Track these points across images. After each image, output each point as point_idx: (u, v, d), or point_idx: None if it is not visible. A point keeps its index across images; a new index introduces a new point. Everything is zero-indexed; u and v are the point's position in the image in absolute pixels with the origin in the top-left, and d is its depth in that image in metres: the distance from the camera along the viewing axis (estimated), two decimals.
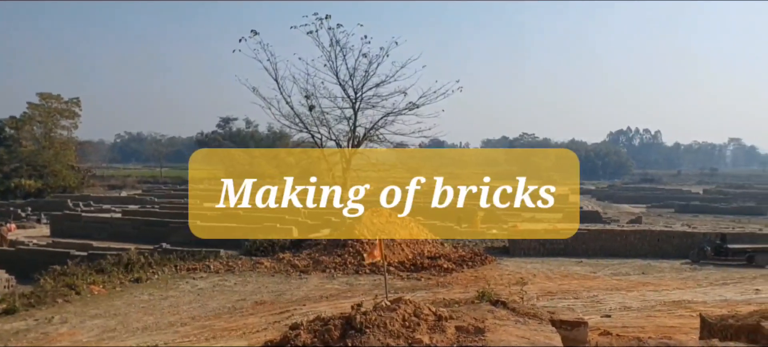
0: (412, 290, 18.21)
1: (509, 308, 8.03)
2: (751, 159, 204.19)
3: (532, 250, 25.98)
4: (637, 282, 20.22)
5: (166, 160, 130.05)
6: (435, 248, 24.30)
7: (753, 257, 23.96)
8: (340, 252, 22.25)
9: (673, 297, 17.84)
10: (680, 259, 24.73)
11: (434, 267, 21.52)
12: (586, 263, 23.97)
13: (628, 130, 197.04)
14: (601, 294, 18.21)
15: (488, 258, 23.87)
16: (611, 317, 15.14)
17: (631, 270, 22.51)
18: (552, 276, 21.21)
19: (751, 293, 18.73)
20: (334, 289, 18.42)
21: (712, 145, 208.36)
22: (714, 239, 25.51)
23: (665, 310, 16.17)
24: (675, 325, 13.99)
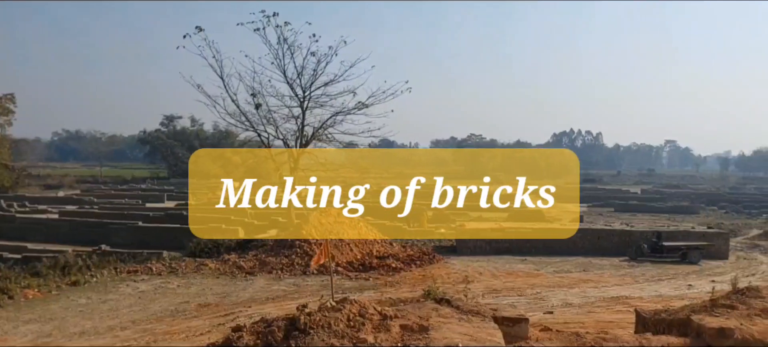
0: (361, 290, 18.19)
1: (453, 306, 8.12)
2: (686, 160, 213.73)
3: (478, 249, 26.39)
4: (578, 279, 20.87)
5: (106, 159, 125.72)
6: (384, 248, 24.36)
7: (686, 254, 25.08)
8: (287, 253, 22.02)
9: (612, 293, 18.49)
10: (619, 256, 25.65)
11: (383, 267, 21.59)
12: (531, 261, 24.55)
13: (572, 132, 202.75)
14: (544, 290, 18.69)
15: (436, 257, 24.11)
16: (553, 313, 15.58)
17: (572, 268, 23.19)
18: (497, 273, 21.62)
19: (684, 288, 19.64)
20: (281, 290, 18.21)
21: (650, 146, 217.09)
22: (650, 237, 26.54)
23: (604, 306, 16.76)
24: (613, 320, 14.51)
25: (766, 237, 34.86)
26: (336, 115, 27.48)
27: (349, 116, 27.54)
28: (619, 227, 31.35)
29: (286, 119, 27.86)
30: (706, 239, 27.09)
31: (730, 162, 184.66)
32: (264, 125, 27.74)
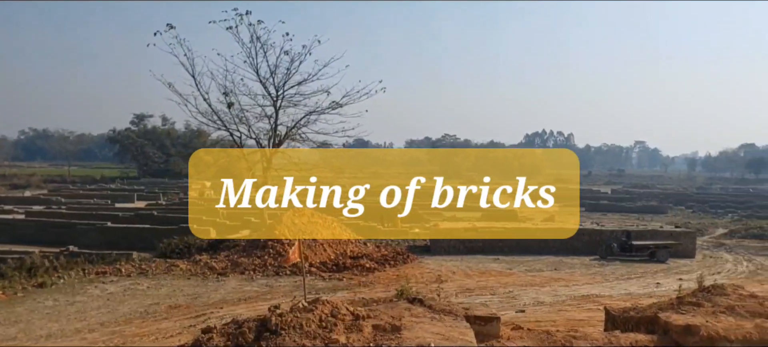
0: (334, 290, 18.12)
1: (426, 305, 8.13)
2: (655, 161, 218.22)
3: (452, 248, 26.51)
4: (549, 278, 21.10)
5: (75, 158, 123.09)
6: (358, 248, 24.31)
7: (654, 253, 25.56)
8: (259, 253, 21.82)
9: (583, 292, 18.74)
10: (589, 255, 26.02)
11: (356, 267, 21.53)
12: (503, 260, 24.75)
13: (544, 132, 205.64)
14: (516, 289, 18.86)
15: (410, 257, 24.16)
16: (525, 311, 15.73)
17: (544, 267, 23.44)
18: (470, 273, 21.74)
19: (653, 286, 19.99)
20: (253, 291, 18.03)
21: (620, 147, 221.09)
22: (620, 236, 26.97)
23: (575, 304, 16.97)
24: (584, 318, 14.70)
25: (732, 236, 35.79)
26: (310, 114, 27.33)
27: (323, 115, 27.42)
28: (590, 226, 31.81)
29: (259, 118, 27.63)
30: (673, 238, 27.65)
31: (697, 163, 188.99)
32: (236, 125, 27.45)
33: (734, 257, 27.77)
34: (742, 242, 32.98)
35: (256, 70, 26.51)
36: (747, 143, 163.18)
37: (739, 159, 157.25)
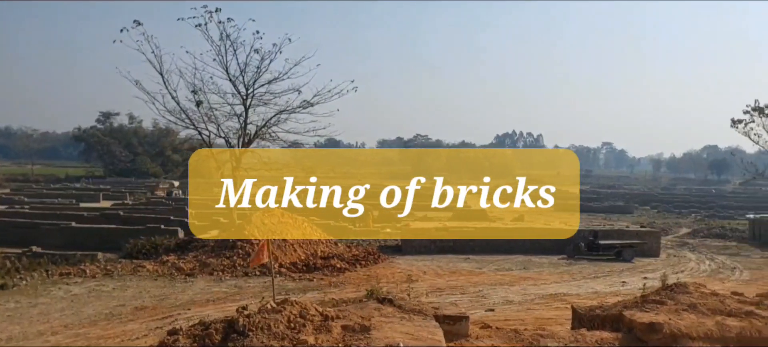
0: (304, 291, 18.03)
1: (396, 305, 8.14)
2: (621, 162, 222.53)
3: (423, 248, 26.62)
4: (518, 277, 21.34)
5: (39, 156, 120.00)
6: (328, 248, 24.22)
7: (621, 252, 26.06)
8: (228, 254, 21.58)
9: (551, 291, 19.00)
10: (558, 254, 26.38)
11: (327, 267, 21.45)
12: (473, 259, 24.94)
13: (514, 133, 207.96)
14: (486, 289, 19.02)
15: (381, 257, 24.18)
16: (494, 310, 15.87)
17: (513, 266, 23.70)
18: (441, 272, 21.86)
19: (619, 285, 20.36)
20: (222, 292, 17.83)
21: (588, 148, 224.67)
22: (587, 236, 27.40)
23: (543, 303, 17.20)
24: (552, 317, 14.89)
25: (695, 236, 36.70)
26: (280, 113, 27.15)
27: (294, 114, 27.29)
28: (558, 226, 32.20)
29: (228, 116, 27.37)
30: (639, 237, 28.22)
31: (662, 164, 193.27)
32: (205, 123, 27.13)
33: (697, 256, 28.45)
34: (704, 242, 33.83)
35: (226, 69, 26.29)
36: (710, 145, 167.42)
37: (702, 160, 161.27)
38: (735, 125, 50.65)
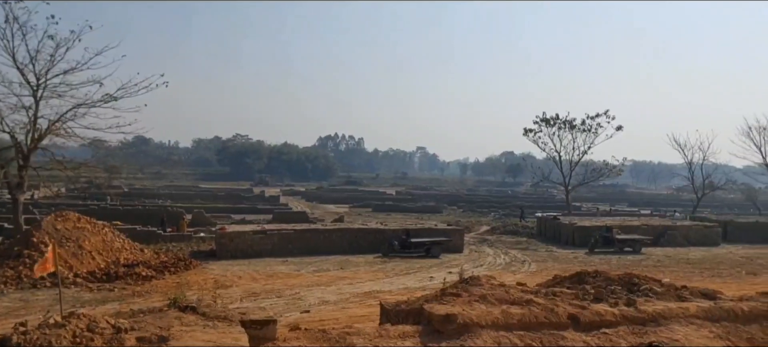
0: (103, 302, 16.46)
1: (199, 313, 7.71)
2: (433, 165, 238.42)
3: (240, 252, 25.88)
4: (335, 277, 21.67)
5: None
6: (133, 255, 22.45)
7: (430, 249, 27.76)
8: (12, 264, 18.95)
9: (366, 289, 19.57)
10: (374, 253, 27.33)
11: (131, 276, 19.83)
12: (292, 262, 24.82)
13: (336, 136, 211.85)
14: (303, 290, 19.00)
15: (193, 263, 23.01)
16: (310, 312, 15.90)
17: (331, 266, 24.03)
18: (258, 276, 21.40)
19: (427, 280, 21.62)
20: (3, 307, 15.62)
21: (404, 152, 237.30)
22: (401, 234, 28.78)
23: (358, 301, 17.64)
24: (365, 314, 15.32)
25: (493, 232, 40.38)
26: (78, 107, 24.47)
27: (94, 108, 24.75)
28: (375, 226, 33.41)
29: (15, 109, 24.04)
30: (445, 235, 30.32)
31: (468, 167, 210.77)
32: None
33: (494, 251, 31.31)
34: (501, 238, 37.35)
35: (12, 55, 23.09)
36: (507, 151, 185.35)
37: (501, 165, 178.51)
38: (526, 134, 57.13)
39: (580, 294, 9.06)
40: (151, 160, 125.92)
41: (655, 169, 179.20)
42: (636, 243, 31.92)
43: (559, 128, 55.36)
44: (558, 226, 37.37)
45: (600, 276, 10.68)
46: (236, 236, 26.78)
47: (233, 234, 26.89)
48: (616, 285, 10.01)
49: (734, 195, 79.88)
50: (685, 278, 22.09)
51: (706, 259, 29.45)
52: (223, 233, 26.80)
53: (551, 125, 55.47)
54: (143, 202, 49.06)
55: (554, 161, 57.38)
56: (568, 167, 57.01)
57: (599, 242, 31.59)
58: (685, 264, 27.48)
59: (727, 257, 30.27)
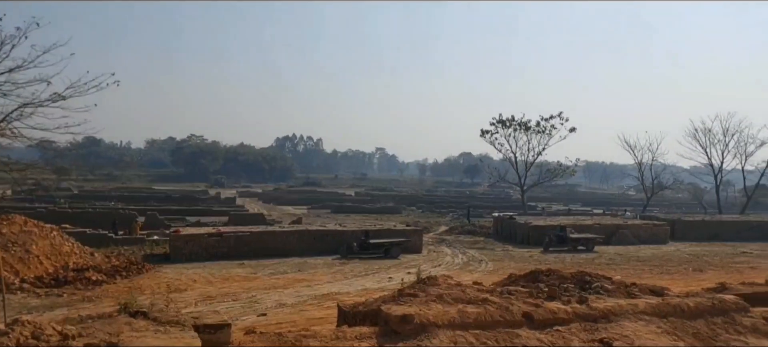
0: (51, 308, 15.91)
1: (150, 318, 7.53)
2: (392, 166, 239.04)
3: (194, 255, 25.42)
4: (293, 279, 21.48)
5: None
6: (83, 259, 21.77)
7: (389, 249, 27.83)
8: None
9: (324, 291, 19.46)
10: (332, 255, 27.21)
11: (81, 280, 19.24)
12: (248, 264, 24.49)
13: (294, 137, 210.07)
14: (259, 293, 18.75)
15: (146, 267, 22.48)
16: (267, 315, 15.71)
17: (289, 268, 23.81)
18: (213, 280, 21.03)
19: (386, 281, 21.65)
20: None
21: (363, 153, 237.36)
22: (359, 236, 28.76)
23: (316, 303, 17.52)
24: (323, 316, 15.21)
25: (451, 233, 40.79)
26: (24, 107, 23.50)
27: (42, 108, 23.78)
28: (333, 227, 33.31)
29: None
30: (404, 236, 30.46)
31: (427, 168, 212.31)
32: None
33: (452, 251, 31.61)
34: (459, 238, 37.75)
35: None
36: (465, 152, 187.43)
37: (459, 165, 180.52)
38: (483, 135, 58.05)
39: (534, 292, 9.21)
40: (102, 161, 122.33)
41: (607, 169, 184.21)
42: (589, 242, 32.73)
43: (514, 130, 56.48)
44: (514, 225, 38.00)
45: (554, 275, 10.89)
46: (191, 238, 26.27)
47: (188, 237, 26.39)
48: (569, 283, 10.22)
49: (681, 195, 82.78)
50: (635, 275, 22.80)
51: (656, 257, 30.43)
52: (177, 236, 26.26)
53: (507, 126, 56.52)
54: (94, 204, 47.72)
55: (510, 161, 58.45)
56: (524, 167, 58.14)
57: (554, 241, 32.28)
58: (635, 262, 28.31)
59: (675, 255, 31.34)
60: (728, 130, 56.65)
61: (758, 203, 70.52)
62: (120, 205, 48.32)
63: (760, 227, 41.59)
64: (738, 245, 35.75)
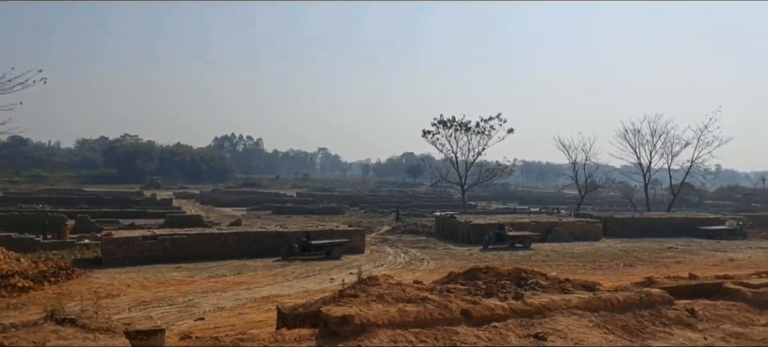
0: None
1: (79, 325, 7.19)
2: (335, 166, 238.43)
3: (128, 259, 24.54)
4: (232, 282, 21.04)
5: None
6: (8, 265, 20.53)
7: (331, 250, 27.70)
8: None
9: (264, 293, 19.15)
10: (273, 257, 26.84)
11: (6, 287, 18.20)
12: (185, 268, 23.85)
13: (233, 136, 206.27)
14: (197, 297, 18.27)
15: (76, 272, 21.49)
16: (205, 319, 15.31)
17: (227, 271, 23.31)
18: (148, 284, 20.35)
19: (328, 282, 21.51)
20: None
21: (306, 153, 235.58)
22: (301, 237, 28.49)
23: (255, 306, 17.21)
24: (263, 319, 14.97)
25: (394, 232, 41.01)
26: None
27: None
28: (274, 228, 32.88)
29: None
30: (347, 236, 30.39)
31: (370, 168, 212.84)
32: None
33: (395, 250, 31.77)
34: (401, 238, 37.98)
35: None
36: (408, 152, 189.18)
37: (401, 165, 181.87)
38: (425, 136, 58.71)
39: (472, 290, 9.38)
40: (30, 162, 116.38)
41: (544, 169, 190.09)
42: (526, 239, 33.62)
43: (455, 130, 57.38)
44: (455, 224, 38.59)
45: (491, 272, 11.13)
46: (124, 242, 25.33)
47: (121, 240, 25.44)
48: (506, 279, 10.47)
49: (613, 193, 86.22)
50: (570, 271, 23.59)
51: (589, 253, 31.58)
52: (109, 240, 25.28)
53: (448, 127, 57.36)
54: (20, 207, 45.45)
55: (451, 161, 59.33)
56: (464, 167, 59.15)
57: (493, 240, 32.99)
58: (570, 258, 29.28)
59: (607, 251, 32.61)
60: (656, 131, 59.40)
61: (683, 201, 74.31)
62: (48, 208, 46.16)
63: (684, 224, 43.81)
64: (665, 241, 37.55)
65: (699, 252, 32.50)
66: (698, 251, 32.85)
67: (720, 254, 31.42)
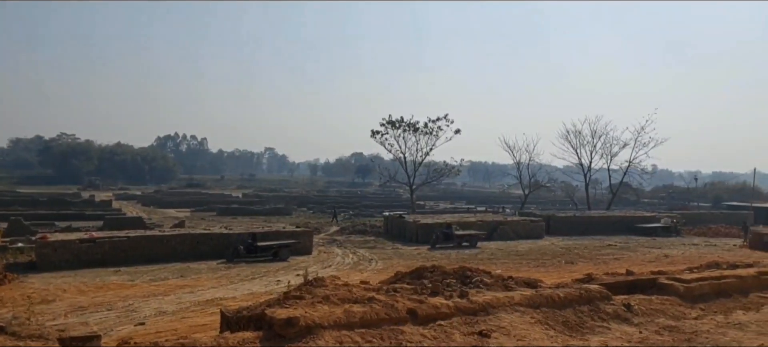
0: None
1: (9, 333, 6.84)
2: (283, 166, 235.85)
3: (65, 263, 23.56)
4: (174, 285, 20.48)
5: None
6: None
7: (278, 252, 27.36)
8: None
9: (208, 296, 18.73)
10: (217, 259, 26.29)
11: None
12: (125, 271, 23.09)
13: (176, 136, 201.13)
14: (137, 301, 17.71)
15: (8, 277, 20.46)
16: (145, 324, 14.85)
17: (170, 274, 22.70)
18: (85, 288, 19.59)
19: (274, 284, 21.22)
20: None
21: (252, 153, 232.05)
22: (246, 238, 28.01)
23: (199, 310, 16.81)
24: (206, 323, 14.64)
25: (342, 233, 40.88)
26: None
27: None
28: (218, 230, 32.22)
29: None
30: (294, 237, 30.06)
31: (318, 168, 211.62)
32: None
33: (343, 251, 31.68)
34: (350, 238, 37.91)
35: None
36: (357, 152, 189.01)
37: (351, 166, 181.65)
38: (374, 136, 58.81)
39: (418, 289, 9.45)
40: None
41: (489, 169, 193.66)
42: (472, 238, 34.16)
43: (403, 131, 57.75)
44: (403, 224, 38.81)
45: (437, 271, 11.23)
46: (60, 245, 24.30)
47: (57, 243, 24.39)
48: (452, 278, 10.59)
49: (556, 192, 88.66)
50: (514, 268, 24.10)
51: (532, 251, 32.37)
52: (44, 243, 24.20)
53: (397, 127, 57.68)
54: None
55: (400, 162, 59.67)
56: (413, 167, 59.60)
57: (440, 239, 33.36)
58: (514, 256, 29.93)
59: (549, 249, 33.51)
60: (596, 132, 61.47)
61: (621, 200, 77.13)
62: None
63: (622, 222, 45.52)
64: (604, 239, 38.91)
65: (636, 249, 33.83)
66: (636, 249, 34.18)
67: (656, 251, 32.80)
